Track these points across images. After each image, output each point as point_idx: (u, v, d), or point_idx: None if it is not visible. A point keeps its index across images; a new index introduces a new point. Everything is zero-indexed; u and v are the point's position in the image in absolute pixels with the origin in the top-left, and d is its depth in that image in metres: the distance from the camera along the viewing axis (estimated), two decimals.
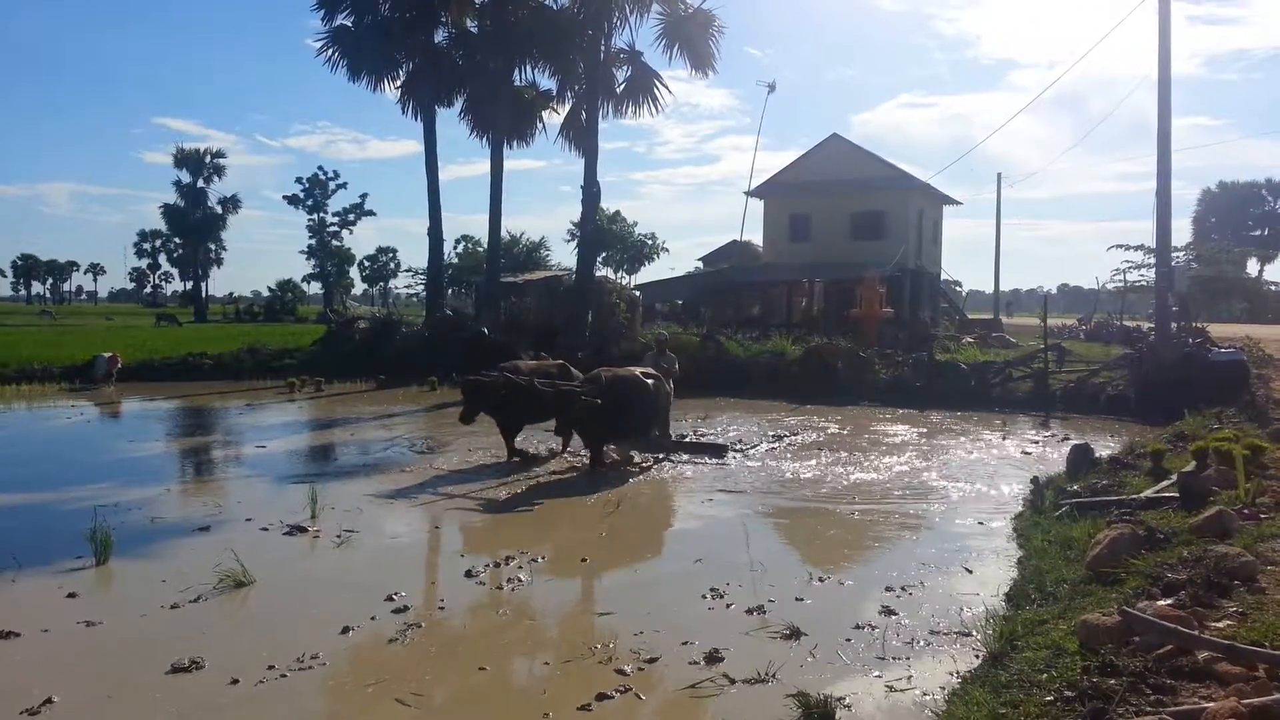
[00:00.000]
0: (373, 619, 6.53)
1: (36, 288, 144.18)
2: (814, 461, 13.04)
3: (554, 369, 13.17)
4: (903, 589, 7.21)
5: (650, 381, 12.52)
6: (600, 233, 29.88)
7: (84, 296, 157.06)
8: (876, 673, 5.60)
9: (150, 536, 8.83)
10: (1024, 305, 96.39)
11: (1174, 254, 36.31)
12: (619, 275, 50.52)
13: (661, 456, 12.88)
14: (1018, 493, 10.56)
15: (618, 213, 61.29)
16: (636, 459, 12.83)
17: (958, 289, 47.26)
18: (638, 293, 35.39)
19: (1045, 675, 4.87)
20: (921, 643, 6.08)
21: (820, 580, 7.54)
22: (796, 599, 6.99)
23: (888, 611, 6.64)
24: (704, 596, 7.05)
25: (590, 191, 28.05)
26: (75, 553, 7.88)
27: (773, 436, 15.27)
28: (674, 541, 8.98)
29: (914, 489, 11.25)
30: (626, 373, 12.61)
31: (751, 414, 18.55)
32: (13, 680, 5.43)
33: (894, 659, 5.81)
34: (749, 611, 6.68)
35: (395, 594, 7.01)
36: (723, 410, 19.04)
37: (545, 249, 57.66)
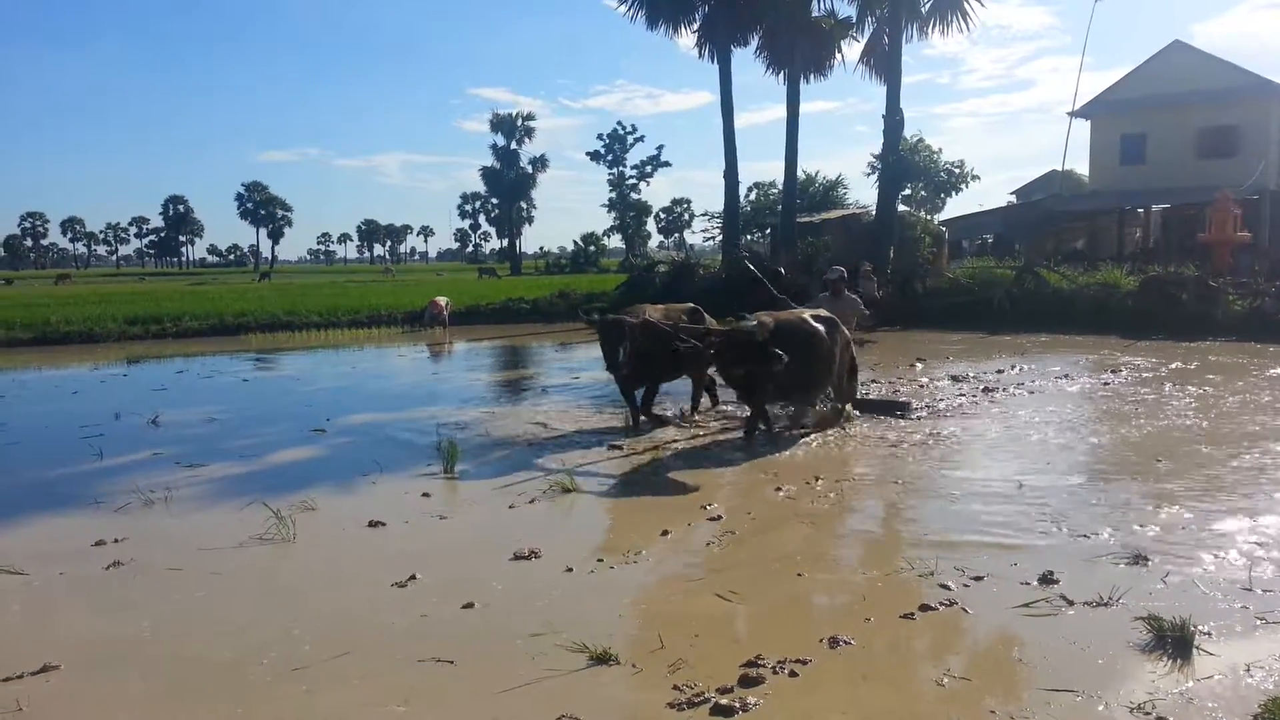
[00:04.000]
0: (689, 525, 6.74)
1: (378, 250, 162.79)
2: (1153, 397, 11.81)
3: (682, 314, 11.23)
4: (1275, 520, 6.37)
5: (820, 327, 10.11)
6: (903, 164, 28.47)
7: (416, 256, 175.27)
8: (1241, 603, 4.98)
9: (487, 449, 9.66)
10: None
11: None
12: (921, 213, 47.95)
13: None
14: None
15: (920, 140, 57.36)
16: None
17: None
18: (943, 228, 33.73)
19: None
20: None
21: (1168, 509, 6.82)
22: (1137, 526, 6.37)
23: (1255, 543, 5.89)
24: (1031, 520, 6.61)
25: (893, 119, 26.85)
26: (426, 460, 8.82)
27: (1108, 370, 14.05)
28: (992, 467, 8.46)
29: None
30: (792, 317, 10.20)
31: (1075, 350, 17.11)
32: (382, 560, 6.16)
33: (1264, 591, 5.13)
34: (1083, 535, 6.18)
35: (707, 505, 7.20)
36: (1041, 348, 17.70)
37: (842, 187, 55.58)
